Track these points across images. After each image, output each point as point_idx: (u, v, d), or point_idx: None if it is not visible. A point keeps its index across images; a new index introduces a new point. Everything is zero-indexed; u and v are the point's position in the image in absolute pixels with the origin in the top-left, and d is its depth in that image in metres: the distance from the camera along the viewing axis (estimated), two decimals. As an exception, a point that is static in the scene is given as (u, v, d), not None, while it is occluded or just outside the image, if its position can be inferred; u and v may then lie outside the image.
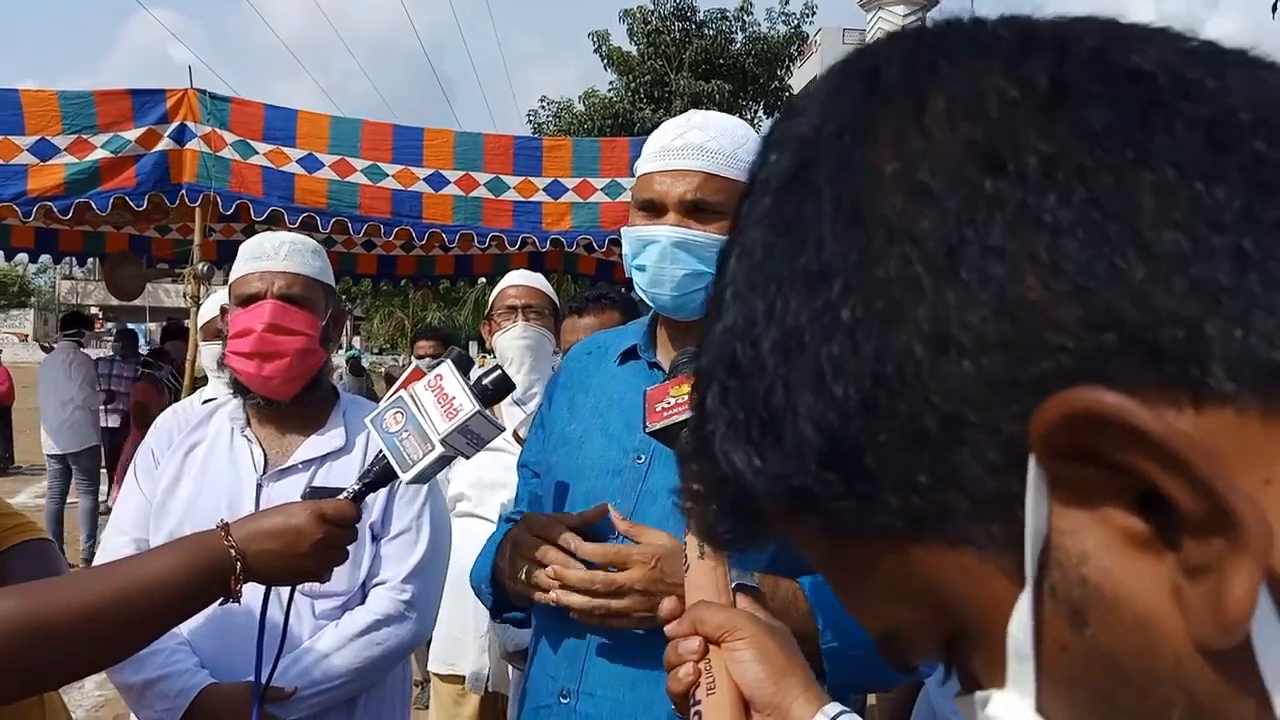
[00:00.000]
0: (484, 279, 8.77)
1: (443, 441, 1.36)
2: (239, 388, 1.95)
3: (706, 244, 1.47)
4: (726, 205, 1.48)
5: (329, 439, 1.95)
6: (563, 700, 1.44)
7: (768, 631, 0.85)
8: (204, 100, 4.79)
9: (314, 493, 1.86)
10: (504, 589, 1.56)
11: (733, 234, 0.41)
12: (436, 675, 2.81)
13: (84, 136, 4.56)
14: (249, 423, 1.97)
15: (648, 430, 1.18)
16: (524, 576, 1.43)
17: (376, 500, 1.93)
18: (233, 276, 1.97)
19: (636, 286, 1.55)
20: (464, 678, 2.70)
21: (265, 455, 1.92)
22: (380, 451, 1.41)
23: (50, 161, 4.52)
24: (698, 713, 0.80)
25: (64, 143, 4.53)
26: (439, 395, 1.38)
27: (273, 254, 1.92)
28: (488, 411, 1.38)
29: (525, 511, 1.65)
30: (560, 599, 1.35)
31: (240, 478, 1.90)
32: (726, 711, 0.79)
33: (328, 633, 1.82)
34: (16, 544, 1.43)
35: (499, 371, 1.44)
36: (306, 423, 1.96)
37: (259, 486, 1.88)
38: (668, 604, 0.93)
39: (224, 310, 2.02)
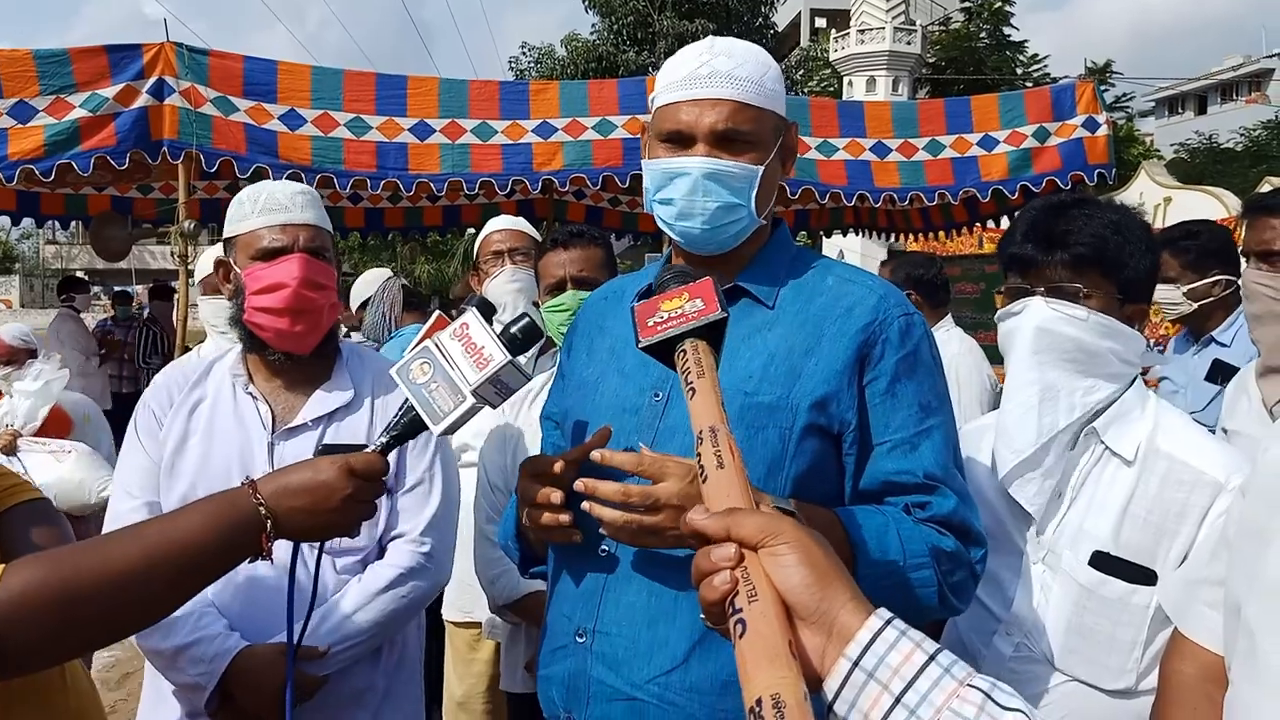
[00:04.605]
0: (472, 229, 8.70)
1: (474, 392, 1.32)
2: (254, 343, 1.90)
3: (739, 174, 1.44)
4: (756, 135, 1.45)
5: (336, 394, 1.92)
6: (579, 640, 1.43)
7: (810, 536, 0.80)
8: (181, 54, 4.67)
9: (326, 450, 1.84)
10: (529, 542, 1.55)
11: None
12: (451, 623, 2.81)
13: (62, 96, 4.45)
14: (251, 379, 1.92)
15: (641, 345, 1.13)
16: (533, 520, 1.40)
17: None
18: (241, 228, 1.89)
19: (660, 221, 1.50)
20: (479, 624, 2.71)
21: (273, 412, 1.89)
22: (406, 403, 1.37)
23: (29, 124, 4.42)
24: (740, 621, 0.75)
25: (42, 104, 4.42)
26: (467, 345, 1.34)
27: (290, 205, 1.87)
28: (518, 360, 1.35)
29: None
30: (593, 510, 1.29)
31: (250, 436, 1.87)
32: (773, 619, 0.74)
33: (352, 588, 1.82)
34: (15, 504, 1.42)
35: (527, 319, 1.40)
36: (312, 377, 1.93)
37: (271, 446, 1.86)
38: (696, 512, 0.86)
39: (223, 264, 1.95)
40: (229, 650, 1.73)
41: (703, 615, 0.82)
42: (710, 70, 1.44)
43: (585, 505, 1.30)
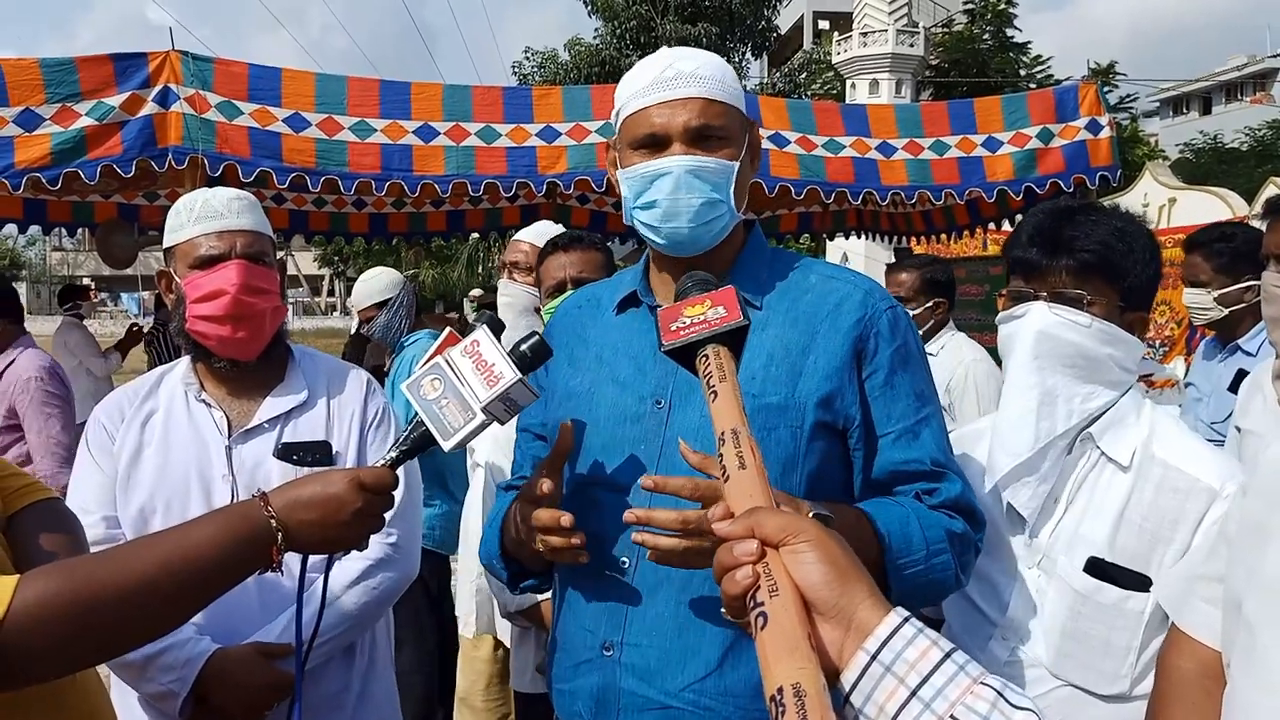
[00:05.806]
0: (476, 234, 8.72)
1: (484, 410, 1.34)
2: (200, 352, 1.91)
3: (718, 169, 1.46)
4: (728, 130, 1.48)
5: (290, 395, 1.93)
6: (605, 653, 1.43)
7: (830, 535, 0.82)
8: (186, 62, 4.70)
9: (286, 449, 1.87)
10: (517, 560, 1.55)
11: None
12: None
13: (68, 105, 4.48)
14: (203, 387, 1.93)
15: (664, 348, 1.16)
16: (546, 545, 1.38)
17: (349, 448, 1.94)
18: (180, 237, 1.88)
19: (643, 227, 1.50)
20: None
21: (228, 418, 1.89)
22: (416, 417, 1.39)
23: (36, 132, 4.44)
24: (761, 614, 0.77)
25: (48, 112, 4.44)
26: (477, 362, 1.36)
27: (227, 212, 1.86)
28: (527, 378, 1.37)
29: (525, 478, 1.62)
30: (647, 541, 1.29)
31: (206, 442, 1.87)
32: (794, 613, 0.77)
33: (321, 584, 1.83)
34: (29, 504, 1.43)
35: (537, 337, 1.42)
36: (265, 381, 1.94)
37: (228, 449, 1.86)
38: (718, 510, 0.88)
39: (164, 274, 1.94)
40: (201, 654, 1.73)
41: (723, 608, 0.84)
42: (675, 72, 1.47)
43: (635, 536, 1.31)
